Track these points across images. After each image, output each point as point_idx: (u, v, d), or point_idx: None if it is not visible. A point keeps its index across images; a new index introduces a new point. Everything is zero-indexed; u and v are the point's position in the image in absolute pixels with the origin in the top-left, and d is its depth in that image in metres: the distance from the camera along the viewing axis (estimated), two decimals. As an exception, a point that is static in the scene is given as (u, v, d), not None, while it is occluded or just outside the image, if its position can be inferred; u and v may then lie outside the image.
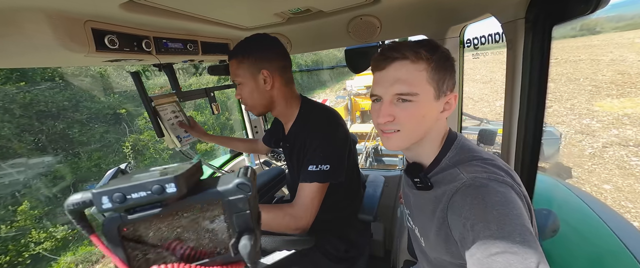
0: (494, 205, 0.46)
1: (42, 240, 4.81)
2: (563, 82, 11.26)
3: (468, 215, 0.48)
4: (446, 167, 0.59)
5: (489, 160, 0.56)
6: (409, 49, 0.56)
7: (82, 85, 6.20)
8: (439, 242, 0.58)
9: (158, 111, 1.12)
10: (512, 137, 0.89)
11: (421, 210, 0.65)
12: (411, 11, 1.11)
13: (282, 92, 0.94)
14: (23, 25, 0.61)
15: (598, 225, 1.02)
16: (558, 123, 7.45)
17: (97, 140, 6.04)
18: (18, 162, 4.98)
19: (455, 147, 0.61)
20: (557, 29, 0.70)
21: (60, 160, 5.51)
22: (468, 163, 0.57)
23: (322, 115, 0.96)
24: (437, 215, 0.57)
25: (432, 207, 0.59)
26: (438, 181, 0.60)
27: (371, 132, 5.99)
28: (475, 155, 0.58)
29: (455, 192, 0.53)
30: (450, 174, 0.57)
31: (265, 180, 1.44)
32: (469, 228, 0.47)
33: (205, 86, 1.42)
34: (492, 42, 1.08)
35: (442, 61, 0.56)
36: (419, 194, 0.65)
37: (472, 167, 0.55)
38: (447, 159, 0.60)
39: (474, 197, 0.49)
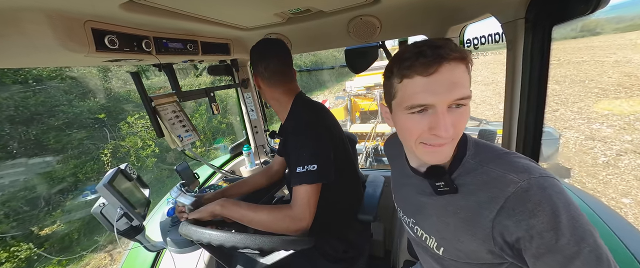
0: (562, 210, 0.44)
1: (2, 260, 4.14)
2: (568, 84, 10.91)
3: (534, 222, 0.44)
4: (473, 167, 0.55)
5: (513, 154, 0.53)
6: (453, 46, 0.48)
7: (60, 88, 5.82)
8: (475, 247, 0.54)
9: (158, 111, 1.12)
10: (512, 137, 0.89)
11: (442, 216, 0.59)
12: (411, 11, 1.11)
13: (269, 93, 1.00)
14: (23, 25, 0.61)
15: (598, 225, 1.02)
16: (566, 128, 7.05)
17: (75, 147, 5.61)
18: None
19: (470, 144, 0.58)
20: (557, 29, 0.70)
21: (33, 169, 4.98)
22: (501, 160, 0.52)
23: (307, 114, 0.98)
24: (479, 221, 0.51)
25: (466, 213, 0.54)
26: (468, 183, 0.54)
27: (371, 132, 5.98)
28: (499, 151, 0.55)
29: (509, 196, 0.48)
30: (487, 175, 0.52)
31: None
32: (535, 234, 0.44)
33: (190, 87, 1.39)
34: (492, 42, 1.08)
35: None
36: (441, 199, 0.59)
37: (512, 165, 0.50)
38: (469, 158, 0.56)
39: (538, 203, 0.45)
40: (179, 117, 1.20)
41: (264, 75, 0.96)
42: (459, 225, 0.55)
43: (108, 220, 0.88)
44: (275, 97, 1.00)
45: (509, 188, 0.48)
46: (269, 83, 0.97)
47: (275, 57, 0.95)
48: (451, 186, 0.56)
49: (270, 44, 0.97)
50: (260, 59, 0.96)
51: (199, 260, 1.22)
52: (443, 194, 0.58)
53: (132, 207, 0.89)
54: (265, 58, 0.95)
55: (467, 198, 0.54)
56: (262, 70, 0.95)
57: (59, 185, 5.27)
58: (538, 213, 0.44)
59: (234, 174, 1.81)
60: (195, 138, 1.22)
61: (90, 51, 0.71)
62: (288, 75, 0.98)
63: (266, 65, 0.95)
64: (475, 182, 0.53)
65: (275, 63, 0.95)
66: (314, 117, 0.98)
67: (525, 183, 0.46)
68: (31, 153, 5.09)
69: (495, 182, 0.50)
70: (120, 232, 0.90)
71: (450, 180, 0.56)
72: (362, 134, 6.01)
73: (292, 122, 0.98)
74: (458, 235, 0.56)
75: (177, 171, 1.37)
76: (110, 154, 5.96)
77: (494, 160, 0.53)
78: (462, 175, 0.56)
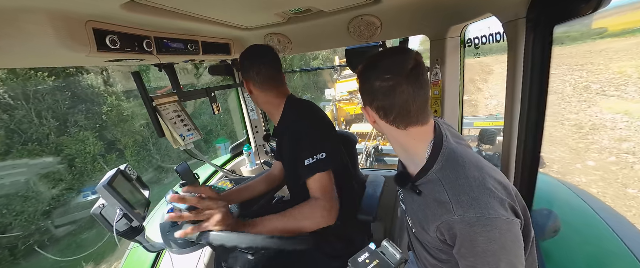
0: (480, 244, 0.53)
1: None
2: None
3: (459, 243, 0.56)
4: (434, 181, 0.61)
5: (478, 179, 0.56)
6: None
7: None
8: (427, 234, 0.65)
9: (159, 110, 1.12)
10: (513, 137, 0.89)
11: (413, 206, 0.71)
12: (412, 11, 1.11)
13: (262, 98, 1.02)
14: (25, 25, 0.61)
15: (599, 226, 1.02)
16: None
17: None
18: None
19: (441, 159, 0.62)
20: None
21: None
22: (457, 185, 0.57)
23: (302, 112, 1.01)
24: (429, 223, 0.63)
25: (424, 213, 0.65)
26: (427, 194, 0.63)
27: (371, 132, 5.98)
28: (463, 173, 0.58)
29: (444, 221, 0.57)
30: (439, 194, 0.59)
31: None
32: (457, 249, 0.57)
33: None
34: (493, 42, 1.08)
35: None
36: (412, 193, 0.69)
37: (462, 194, 0.56)
38: (434, 172, 0.62)
39: (465, 235, 0.54)
40: (180, 116, 1.20)
41: (256, 80, 0.98)
42: (420, 217, 0.67)
43: (108, 221, 0.87)
44: (268, 100, 1.02)
45: (445, 216, 0.56)
46: (261, 88, 1.00)
47: (266, 62, 0.98)
48: (415, 191, 0.65)
49: (260, 50, 1.00)
50: (251, 64, 0.98)
51: (199, 261, 1.22)
52: (412, 192, 0.68)
53: (132, 208, 0.88)
54: (257, 63, 0.98)
55: (426, 203, 0.63)
56: (254, 75, 0.98)
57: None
58: (463, 241, 0.55)
59: (235, 174, 1.81)
60: (197, 138, 1.22)
61: (91, 51, 0.71)
62: (279, 79, 1.01)
63: (258, 70, 0.97)
64: (431, 195, 0.61)
65: (267, 68, 0.98)
66: (309, 113, 1.02)
67: (457, 218, 0.54)
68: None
69: (440, 204, 0.58)
70: (120, 233, 0.90)
71: (413, 186, 0.65)
72: (362, 133, 6.01)
73: (287, 122, 1.01)
74: (419, 224, 0.68)
75: (177, 171, 1.37)
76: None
77: (452, 183, 0.58)
78: (425, 184, 0.63)
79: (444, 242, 0.61)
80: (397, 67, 0.57)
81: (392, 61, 0.59)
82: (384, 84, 0.58)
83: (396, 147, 0.69)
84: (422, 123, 0.61)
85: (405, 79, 0.57)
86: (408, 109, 0.59)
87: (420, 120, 0.61)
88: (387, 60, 0.60)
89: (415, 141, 0.64)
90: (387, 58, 0.61)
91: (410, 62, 0.57)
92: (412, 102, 0.58)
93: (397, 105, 0.59)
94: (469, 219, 0.53)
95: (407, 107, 0.59)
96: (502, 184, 0.57)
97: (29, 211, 5.95)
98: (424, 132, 0.63)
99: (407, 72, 0.57)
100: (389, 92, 0.58)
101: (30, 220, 5.95)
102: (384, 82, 0.58)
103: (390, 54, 0.62)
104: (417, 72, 0.58)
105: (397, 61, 0.58)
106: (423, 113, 0.61)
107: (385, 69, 0.59)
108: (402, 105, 0.58)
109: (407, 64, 0.57)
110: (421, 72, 0.59)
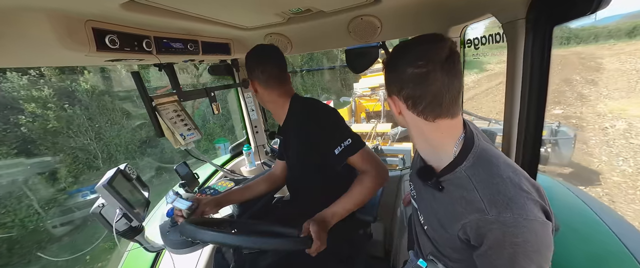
0: (512, 246, 0.50)
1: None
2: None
3: (487, 243, 0.53)
4: (463, 178, 0.58)
5: (513, 179, 0.53)
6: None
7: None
8: (445, 232, 0.62)
9: (159, 110, 1.12)
10: (512, 137, 0.89)
11: (430, 202, 0.68)
12: (412, 11, 1.11)
13: (267, 96, 1.04)
14: (24, 25, 0.61)
15: (598, 226, 1.02)
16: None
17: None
18: None
19: (472, 155, 0.60)
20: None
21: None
22: (490, 184, 0.53)
23: (309, 108, 1.03)
24: (451, 221, 0.59)
25: (445, 210, 0.62)
26: (452, 190, 0.60)
27: (371, 132, 5.98)
28: (497, 172, 0.55)
29: (472, 220, 0.54)
30: (467, 192, 0.56)
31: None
32: (483, 251, 0.54)
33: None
34: (493, 42, 1.08)
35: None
36: (431, 189, 0.66)
37: (497, 193, 0.52)
38: (464, 169, 0.59)
39: (497, 236, 0.51)
40: (180, 115, 1.20)
41: (261, 79, 1.00)
42: (439, 214, 0.64)
43: (107, 221, 0.87)
44: (273, 99, 1.04)
45: (474, 215, 0.53)
46: (266, 86, 1.01)
47: (272, 61, 1.00)
48: (437, 187, 0.62)
49: (266, 49, 1.02)
50: (257, 63, 1.00)
51: (198, 260, 1.22)
52: (430, 187, 0.64)
53: (132, 208, 0.88)
54: (262, 62, 0.99)
55: (449, 201, 0.60)
56: (259, 74, 1.00)
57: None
58: (488, 241, 0.52)
59: (235, 174, 1.81)
60: (197, 137, 1.22)
61: (90, 51, 0.71)
62: (283, 78, 1.03)
63: (263, 69, 0.99)
64: (457, 192, 0.58)
65: (272, 67, 1.00)
66: (319, 106, 1.03)
67: (491, 218, 0.51)
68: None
69: (468, 202, 0.55)
70: (120, 233, 0.90)
71: (436, 182, 0.62)
72: (362, 133, 6.00)
73: (294, 120, 1.03)
74: (437, 221, 0.65)
75: (177, 171, 1.37)
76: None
77: (484, 181, 0.54)
78: (451, 181, 0.60)
79: (466, 241, 0.58)
80: (431, 54, 0.54)
81: (426, 47, 0.56)
82: (416, 70, 0.55)
83: (419, 140, 0.66)
84: (451, 115, 0.58)
85: (439, 67, 0.53)
86: (440, 99, 0.55)
87: (450, 112, 0.58)
88: (421, 46, 0.57)
89: (443, 135, 0.60)
90: (421, 44, 0.57)
91: (445, 50, 0.54)
92: (446, 91, 0.55)
93: (428, 94, 0.55)
94: (505, 220, 0.50)
95: (439, 97, 0.55)
96: (535, 186, 0.55)
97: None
98: (453, 126, 0.60)
99: (441, 60, 0.53)
100: (421, 79, 0.55)
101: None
102: (416, 68, 0.55)
103: (423, 40, 0.58)
104: (453, 60, 0.54)
105: (431, 48, 0.55)
106: (454, 105, 0.57)
107: (419, 55, 0.55)
108: (435, 94, 0.55)
109: (443, 51, 0.54)
110: (456, 61, 0.55)
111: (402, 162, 5.16)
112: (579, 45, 22.20)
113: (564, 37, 24.90)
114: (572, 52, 16.83)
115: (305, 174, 1.11)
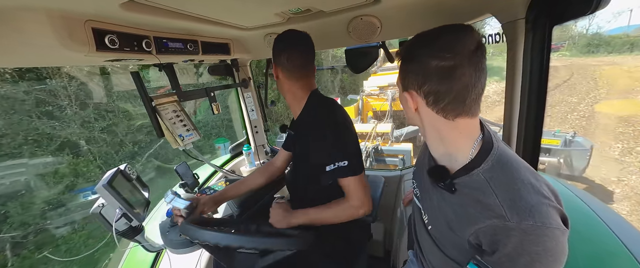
0: (530, 254, 0.47)
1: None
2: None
3: (503, 251, 0.49)
4: (480, 181, 0.54)
5: (535, 186, 0.50)
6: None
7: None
8: (453, 235, 0.59)
9: (159, 110, 1.12)
10: (512, 137, 0.89)
11: (438, 202, 0.65)
12: (412, 11, 1.11)
13: (287, 85, 0.99)
14: (24, 24, 0.61)
15: (598, 226, 1.02)
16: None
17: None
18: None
19: (491, 158, 0.56)
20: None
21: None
22: (511, 190, 0.50)
23: (324, 112, 0.99)
24: (462, 225, 0.56)
25: (455, 213, 0.58)
26: (467, 192, 0.56)
27: (371, 131, 5.98)
28: (518, 178, 0.51)
29: (490, 224, 0.51)
30: (485, 196, 0.52)
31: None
32: (497, 257, 0.50)
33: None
34: (492, 42, 1.08)
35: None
36: (441, 189, 0.62)
37: (518, 200, 0.49)
38: (481, 172, 0.55)
39: (516, 243, 0.48)
40: (179, 116, 1.20)
41: (286, 66, 0.94)
42: (447, 216, 0.60)
43: (107, 221, 0.87)
44: (293, 90, 0.99)
45: (492, 220, 0.49)
46: (289, 75, 0.96)
47: (300, 50, 0.94)
48: (449, 189, 0.58)
49: (297, 36, 0.95)
50: (284, 49, 0.94)
51: (198, 260, 1.22)
52: (440, 188, 0.60)
53: (132, 208, 0.88)
54: (290, 49, 0.94)
55: (461, 203, 0.56)
56: (284, 61, 0.94)
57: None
58: (503, 247, 0.49)
59: (234, 174, 1.81)
60: (196, 138, 1.22)
61: (90, 51, 0.71)
62: (308, 70, 0.98)
63: (289, 56, 0.93)
64: (473, 195, 0.54)
65: (298, 55, 0.94)
66: (332, 115, 0.98)
67: (512, 224, 0.48)
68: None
69: (484, 207, 0.51)
70: (120, 233, 0.90)
71: (450, 184, 0.57)
72: (362, 133, 6.00)
73: (307, 119, 1.00)
74: (445, 222, 0.61)
75: (177, 171, 1.37)
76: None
77: (505, 186, 0.51)
78: (466, 183, 0.56)
79: (476, 246, 0.54)
80: (459, 45, 0.49)
81: (452, 38, 0.51)
82: (442, 63, 0.50)
83: (433, 139, 0.61)
84: (472, 114, 0.54)
85: (467, 60, 0.49)
86: (464, 95, 0.51)
87: (472, 110, 0.54)
88: (447, 37, 0.51)
89: (461, 135, 0.56)
90: (446, 34, 0.52)
91: (473, 42, 0.49)
92: (472, 88, 0.50)
93: (454, 90, 0.51)
94: (526, 227, 0.47)
95: (464, 94, 0.51)
96: (553, 192, 0.52)
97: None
98: (472, 125, 0.56)
99: (469, 53, 0.49)
100: (448, 73, 0.50)
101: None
102: (443, 61, 0.50)
103: (448, 30, 0.53)
104: (481, 53, 0.50)
105: (458, 38, 0.50)
106: (476, 103, 0.53)
107: (445, 46, 0.50)
108: (460, 90, 0.50)
109: (470, 43, 0.49)
110: (484, 55, 0.51)
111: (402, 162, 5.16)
112: (610, 54, 19.78)
113: (593, 44, 22.70)
114: (606, 62, 14.78)
115: (306, 175, 1.11)
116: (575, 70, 14.08)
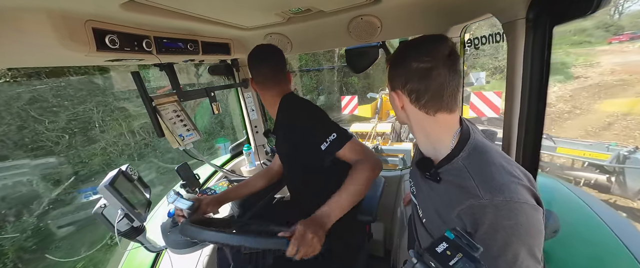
0: (505, 229, 0.53)
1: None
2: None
3: (482, 229, 0.55)
4: (459, 168, 0.61)
5: (504, 167, 0.57)
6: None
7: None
8: (442, 223, 0.65)
9: (159, 110, 1.12)
10: (512, 137, 0.89)
11: (428, 195, 0.71)
12: (412, 11, 1.11)
13: (262, 95, 1.09)
14: (24, 24, 0.61)
15: (599, 226, 1.02)
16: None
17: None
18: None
19: (468, 147, 0.63)
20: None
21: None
22: (484, 171, 0.57)
23: (296, 104, 1.05)
24: (448, 211, 0.62)
25: (442, 201, 0.64)
26: (449, 180, 0.63)
27: (371, 131, 5.98)
28: (490, 160, 0.59)
29: (468, 206, 0.56)
30: (463, 180, 0.59)
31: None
32: (478, 236, 0.55)
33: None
34: (493, 42, 1.08)
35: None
36: (429, 182, 0.69)
37: (490, 180, 0.55)
38: (460, 159, 0.62)
39: (491, 220, 0.53)
40: (180, 116, 1.20)
41: (258, 79, 1.05)
42: (435, 204, 0.68)
43: (109, 221, 0.88)
44: (266, 99, 1.09)
45: (470, 200, 0.56)
46: (263, 87, 1.06)
47: (268, 63, 1.03)
48: (434, 178, 0.66)
49: (261, 51, 1.04)
50: (253, 66, 1.04)
51: (198, 261, 1.22)
52: (428, 180, 0.68)
53: (133, 208, 0.89)
54: (257, 64, 1.03)
55: (445, 190, 0.64)
56: (256, 74, 1.05)
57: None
58: (482, 225, 0.54)
59: (235, 174, 1.81)
60: (196, 138, 1.22)
61: (90, 51, 0.71)
62: (278, 79, 1.05)
63: (258, 71, 1.03)
64: (454, 181, 0.61)
65: (266, 68, 1.03)
66: (304, 106, 1.05)
67: (485, 202, 0.54)
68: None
69: (464, 190, 0.58)
70: (121, 233, 0.90)
71: (435, 173, 0.65)
72: (362, 133, 6.00)
73: (281, 118, 1.06)
74: (434, 211, 0.69)
75: (178, 171, 1.37)
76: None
77: (479, 169, 0.58)
78: (448, 171, 0.63)
79: (462, 229, 0.61)
80: (435, 51, 0.60)
81: (430, 45, 0.61)
82: (421, 65, 0.60)
83: (419, 134, 0.70)
84: (450, 110, 0.63)
85: (442, 63, 0.59)
86: (441, 93, 0.60)
87: (449, 106, 0.63)
88: (426, 44, 0.62)
89: (442, 128, 0.65)
90: (425, 43, 0.63)
91: (447, 48, 0.60)
92: (446, 86, 0.60)
93: (431, 88, 0.60)
94: (498, 203, 0.53)
95: (440, 91, 0.60)
96: (526, 174, 0.58)
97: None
98: (451, 120, 0.65)
99: (444, 57, 0.59)
100: (426, 74, 0.60)
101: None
102: (422, 63, 0.60)
103: (427, 39, 0.64)
104: (454, 58, 0.60)
105: (435, 46, 0.61)
106: (453, 100, 0.63)
107: (424, 51, 0.61)
108: (436, 88, 0.60)
109: (445, 49, 0.59)
110: (457, 59, 0.61)
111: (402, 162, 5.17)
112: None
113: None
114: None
115: (299, 173, 1.12)
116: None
